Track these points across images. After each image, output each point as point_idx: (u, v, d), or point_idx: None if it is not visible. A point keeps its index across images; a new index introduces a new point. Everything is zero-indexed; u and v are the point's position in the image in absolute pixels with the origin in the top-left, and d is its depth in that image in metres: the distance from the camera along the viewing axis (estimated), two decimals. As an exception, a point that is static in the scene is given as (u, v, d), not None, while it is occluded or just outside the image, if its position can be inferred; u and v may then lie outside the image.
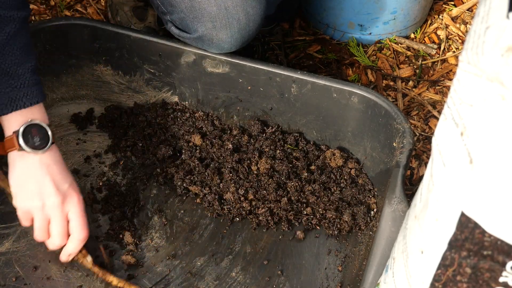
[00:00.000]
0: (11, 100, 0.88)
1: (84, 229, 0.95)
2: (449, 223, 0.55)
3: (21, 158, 0.90)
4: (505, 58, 0.46)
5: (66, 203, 0.92)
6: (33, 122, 0.89)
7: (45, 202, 0.91)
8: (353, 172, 1.12)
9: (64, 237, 0.94)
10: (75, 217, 0.94)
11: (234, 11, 1.00)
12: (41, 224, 0.93)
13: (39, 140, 0.89)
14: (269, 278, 1.01)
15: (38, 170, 0.90)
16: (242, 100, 1.17)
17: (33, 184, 0.90)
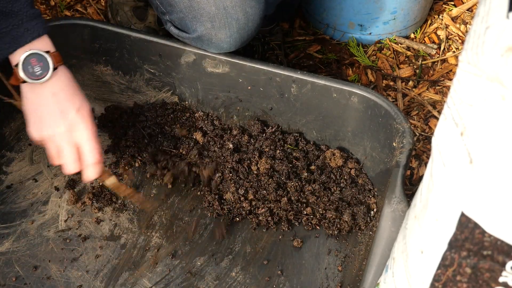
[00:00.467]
0: (14, 38, 0.88)
1: (96, 153, 0.94)
2: (449, 223, 0.55)
3: (30, 88, 0.91)
4: (505, 58, 0.46)
5: (74, 131, 0.92)
6: (31, 52, 0.88)
7: (50, 132, 0.92)
8: (353, 172, 1.12)
9: (76, 163, 0.94)
10: (84, 143, 0.93)
11: (233, 11, 1.00)
12: (53, 152, 0.94)
13: (40, 69, 0.89)
14: (269, 278, 1.01)
15: (45, 99, 0.91)
16: (242, 100, 1.17)
17: (42, 114, 0.92)
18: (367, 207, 1.06)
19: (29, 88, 0.91)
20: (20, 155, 1.19)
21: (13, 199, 1.11)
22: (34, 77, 0.89)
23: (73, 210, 1.10)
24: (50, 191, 1.13)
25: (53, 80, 0.91)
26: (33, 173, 1.16)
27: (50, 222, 1.08)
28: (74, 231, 1.07)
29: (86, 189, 1.13)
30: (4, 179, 1.14)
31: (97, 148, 0.94)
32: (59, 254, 1.04)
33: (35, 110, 0.92)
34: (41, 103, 0.92)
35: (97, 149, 0.94)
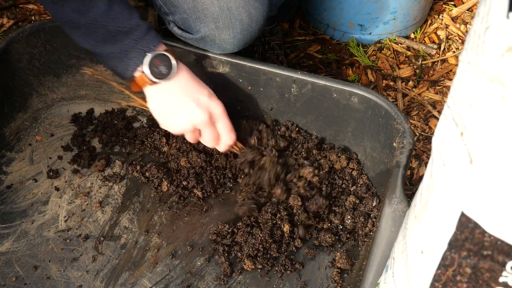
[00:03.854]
0: (139, 51, 0.94)
1: (232, 134, 1.04)
2: (449, 223, 0.55)
3: (157, 89, 0.97)
4: (505, 58, 0.46)
5: (212, 115, 1.00)
6: (153, 54, 0.94)
7: (194, 122, 0.99)
8: (354, 173, 1.12)
9: (216, 142, 1.04)
10: (223, 127, 1.02)
11: (236, 12, 1.00)
12: (193, 138, 1.03)
13: (165, 68, 0.95)
14: (269, 278, 1.01)
15: (175, 95, 0.97)
16: (242, 100, 1.17)
17: (176, 110, 0.98)
18: (368, 207, 1.06)
19: (156, 89, 0.97)
20: (20, 155, 1.19)
21: (13, 199, 1.11)
22: (162, 77, 0.95)
23: (73, 210, 1.10)
24: (50, 191, 1.13)
25: (178, 75, 0.97)
26: (33, 173, 1.16)
27: (50, 222, 1.08)
28: (74, 231, 1.07)
29: (87, 182, 1.13)
30: (4, 179, 1.14)
31: (233, 130, 1.04)
32: (59, 254, 1.04)
33: (169, 107, 0.98)
34: (173, 98, 0.97)
35: (233, 129, 1.04)
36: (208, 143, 1.03)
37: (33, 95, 1.24)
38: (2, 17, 1.57)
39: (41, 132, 1.23)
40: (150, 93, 0.98)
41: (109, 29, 0.92)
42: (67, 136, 1.22)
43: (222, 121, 1.02)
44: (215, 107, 1.00)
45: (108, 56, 0.95)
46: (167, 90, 0.97)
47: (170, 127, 1.00)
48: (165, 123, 1.00)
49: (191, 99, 0.97)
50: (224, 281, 1.00)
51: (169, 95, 0.97)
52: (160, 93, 0.98)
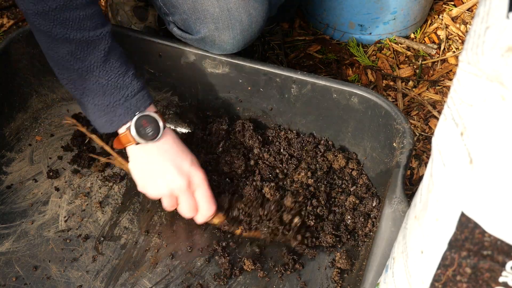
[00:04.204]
0: (128, 109, 0.93)
1: (212, 205, 1.00)
2: (449, 223, 0.55)
3: (140, 149, 0.96)
4: (505, 58, 0.46)
5: (192, 184, 0.97)
6: (141, 114, 0.93)
7: (171, 187, 0.96)
8: (354, 173, 1.12)
9: (193, 212, 1.00)
10: (202, 196, 0.99)
11: (236, 13, 1.00)
12: (169, 204, 1.00)
13: (151, 130, 0.94)
14: (269, 279, 1.01)
15: (157, 158, 0.96)
16: (242, 100, 1.17)
17: (156, 173, 0.96)
18: (368, 207, 1.06)
19: (139, 149, 0.96)
20: (20, 155, 1.19)
21: (13, 199, 1.11)
22: (147, 138, 0.94)
23: (73, 210, 1.10)
24: (50, 191, 1.13)
25: (163, 138, 0.96)
26: (33, 173, 1.16)
27: (50, 222, 1.08)
28: (74, 231, 1.07)
29: (86, 182, 1.13)
30: (4, 179, 1.14)
31: (212, 200, 1.00)
32: (59, 254, 1.04)
33: (149, 169, 0.97)
34: (155, 161, 0.96)
35: (213, 200, 1.00)
36: (185, 212, 0.99)
37: (33, 95, 1.24)
38: (2, 17, 1.57)
39: (41, 132, 1.23)
40: (132, 152, 0.97)
41: (101, 81, 0.91)
42: (67, 136, 1.22)
43: (201, 189, 0.98)
44: (195, 174, 0.97)
45: (94, 108, 0.93)
46: (151, 152, 0.96)
47: (148, 189, 0.98)
48: (143, 185, 0.99)
49: (172, 165, 0.95)
50: (224, 281, 1.00)
51: (152, 158, 0.96)
52: (142, 155, 0.96)
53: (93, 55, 0.89)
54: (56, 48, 0.89)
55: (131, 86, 0.93)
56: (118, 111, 0.92)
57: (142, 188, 0.99)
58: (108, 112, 0.92)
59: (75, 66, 0.89)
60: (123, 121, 0.93)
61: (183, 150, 0.99)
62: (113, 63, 0.91)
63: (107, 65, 0.91)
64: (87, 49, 0.89)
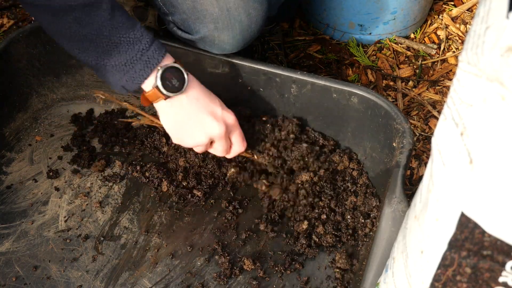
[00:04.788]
0: (146, 62, 0.90)
1: (244, 143, 1.02)
2: (449, 223, 0.55)
3: (170, 103, 0.93)
4: (505, 58, 0.46)
5: (228, 128, 0.98)
6: (164, 67, 0.90)
7: (211, 135, 0.96)
8: (354, 173, 1.12)
9: (227, 152, 1.02)
10: (236, 137, 1.01)
11: (236, 13, 1.00)
12: (203, 150, 1.00)
13: (177, 81, 0.91)
14: (269, 278, 1.01)
15: (190, 108, 0.94)
16: (242, 100, 1.17)
17: (193, 123, 0.94)
18: (368, 207, 1.06)
19: (169, 103, 0.93)
20: (20, 155, 1.19)
21: (13, 199, 1.11)
22: (175, 90, 0.91)
23: (73, 210, 1.10)
24: (50, 191, 1.13)
25: (189, 86, 0.94)
26: (33, 173, 1.16)
27: (50, 222, 1.08)
28: (74, 231, 1.07)
29: (86, 182, 1.13)
30: (4, 179, 1.14)
31: (244, 138, 1.02)
32: (59, 254, 1.04)
33: (184, 121, 0.95)
34: (188, 112, 0.94)
35: (244, 138, 1.02)
36: (220, 154, 1.01)
37: (33, 95, 1.24)
38: (2, 17, 1.57)
39: (41, 132, 1.23)
40: (163, 107, 0.94)
41: (113, 39, 0.87)
42: (67, 136, 1.22)
43: (236, 131, 1.00)
44: (229, 118, 0.98)
45: (112, 69, 0.90)
46: (181, 103, 0.93)
47: (185, 141, 0.97)
48: (180, 137, 0.97)
49: (207, 112, 0.94)
50: (224, 281, 1.00)
51: (184, 109, 0.94)
52: (174, 107, 0.94)
53: (98, 16, 0.86)
54: (59, 20, 0.86)
55: (143, 39, 0.89)
56: (137, 66, 0.89)
57: (178, 141, 0.98)
58: (127, 71, 0.89)
59: (83, 32, 0.86)
60: (144, 76, 0.90)
61: (210, 94, 0.97)
62: (119, 19, 0.88)
63: (114, 22, 0.87)
64: (90, 11, 0.85)
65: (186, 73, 0.92)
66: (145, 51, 0.89)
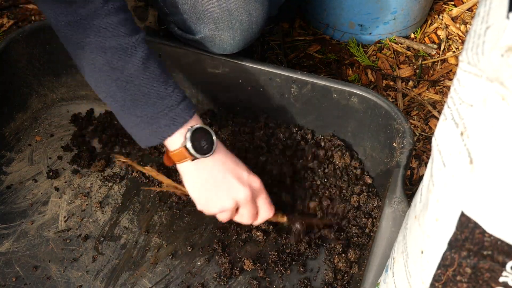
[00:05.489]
0: (173, 119, 0.86)
1: (272, 208, 0.96)
2: (449, 223, 0.55)
3: (196, 165, 0.89)
4: (505, 58, 0.46)
5: (254, 193, 0.92)
6: (194, 128, 0.87)
7: (237, 199, 0.91)
8: (355, 172, 1.12)
9: (254, 219, 0.96)
10: (263, 202, 0.94)
11: (236, 13, 1.00)
12: (228, 217, 0.94)
13: (206, 143, 0.88)
14: (269, 279, 1.01)
15: (217, 171, 0.90)
16: (242, 100, 1.17)
17: (219, 188, 0.90)
18: (368, 207, 1.06)
19: (195, 165, 0.89)
20: (20, 155, 1.19)
21: (13, 200, 1.11)
22: (205, 152, 0.87)
23: (73, 210, 1.10)
24: (50, 191, 1.13)
25: (216, 150, 0.89)
26: (33, 174, 1.16)
27: (50, 222, 1.08)
28: (74, 231, 1.07)
29: (86, 182, 1.13)
30: (4, 180, 1.14)
31: (271, 203, 0.96)
32: (59, 254, 1.04)
33: (210, 185, 0.90)
34: (215, 175, 0.89)
35: (272, 205, 0.96)
36: (246, 221, 0.95)
37: (33, 95, 1.24)
38: (2, 17, 1.57)
39: (40, 132, 1.23)
40: (187, 170, 0.90)
41: (143, 90, 0.84)
42: (67, 136, 1.22)
43: (262, 196, 0.94)
44: (255, 182, 0.93)
45: (136, 119, 0.87)
46: (208, 166, 0.89)
47: (211, 205, 0.92)
48: (205, 202, 0.92)
49: (233, 177, 0.90)
50: (224, 281, 1.00)
51: (211, 173, 0.89)
52: (199, 170, 0.89)
53: (132, 63, 0.84)
54: (92, 59, 0.84)
55: (174, 95, 0.86)
56: (163, 121, 0.86)
57: (204, 207, 0.93)
58: (152, 124, 0.86)
59: (114, 77, 0.84)
60: (169, 132, 0.86)
61: (236, 158, 0.93)
62: (153, 70, 0.85)
63: (147, 73, 0.85)
64: (124, 57, 0.83)
65: (214, 136, 0.89)
66: (174, 108, 0.86)
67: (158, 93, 0.85)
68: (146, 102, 0.85)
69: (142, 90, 0.85)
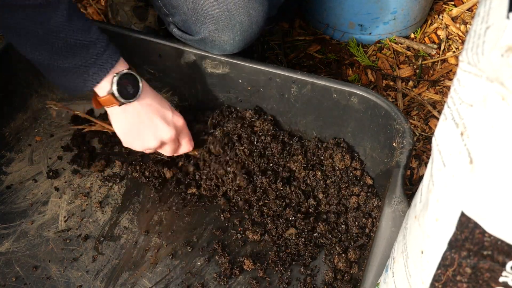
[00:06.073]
0: (100, 66, 0.89)
1: (192, 143, 1.08)
2: (449, 223, 0.55)
3: (123, 109, 0.94)
4: (505, 58, 0.46)
5: (177, 131, 1.02)
6: (120, 74, 0.91)
7: (163, 139, 1.00)
8: (355, 172, 1.12)
9: (175, 152, 1.07)
10: (185, 138, 1.06)
11: (236, 14, 1.00)
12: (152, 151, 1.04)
13: (132, 87, 0.93)
14: (269, 278, 1.01)
15: (143, 114, 0.96)
16: (242, 100, 1.17)
17: (145, 129, 0.97)
18: (368, 207, 1.06)
19: (122, 109, 0.94)
20: (20, 155, 1.19)
21: (13, 200, 1.11)
22: (130, 97, 0.93)
23: (73, 210, 1.10)
24: (50, 191, 1.13)
25: (142, 94, 0.95)
26: (33, 174, 1.16)
27: (50, 222, 1.08)
28: (74, 231, 1.07)
29: (86, 182, 1.13)
30: (4, 180, 1.14)
31: (191, 139, 1.08)
32: (59, 254, 1.04)
33: (137, 127, 0.97)
34: (141, 118, 0.96)
35: (191, 139, 1.08)
36: (168, 154, 1.06)
37: (33, 95, 1.24)
38: (2, 17, 1.57)
39: (40, 132, 1.23)
40: (116, 113, 0.96)
41: (69, 41, 0.86)
42: (67, 137, 1.22)
43: (184, 133, 1.05)
44: (179, 121, 1.02)
45: (64, 71, 0.89)
46: (135, 110, 0.95)
47: (135, 144, 1.00)
48: (130, 142, 0.99)
49: (159, 117, 0.97)
50: (224, 281, 1.00)
51: (137, 116, 0.96)
52: (127, 113, 0.95)
53: (56, 16, 0.84)
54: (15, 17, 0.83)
55: (99, 43, 0.89)
56: (91, 70, 0.89)
57: (130, 145, 1.00)
58: (81, 73, 0.89)
59: (39, 32, 0.84)
60: (97, 80, 0.90)
61: (161, 98, 1.00)
62: (76, 21, 0.86)
63: (72, 24, 0.85)
64: (48, 11, 0.83)
65: (140, 79, 0.94)
66: (100, 55, 0.89)
67: (83, 43, 0.87)
68: (73, 52, 0.87)
69: (68, 42, 0.86)
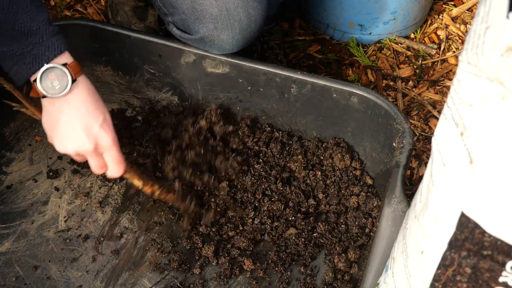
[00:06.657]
0: (35, 57, 0.85)
1: (120, 166, 0.96)
2: (449, 223, 0.55)
3: (51, 103, 0.90)
4: (505, 58, 0.46)
5: (99, 147, 0.92)
6: (48, 66, 0.86)
7: (77, 149, 0.92)
8: (355, 172, 1.12)
9: (102, 170, 0.96)
10: (111, 159, 0.95)
11: (235, 12, 1.00)
12: (78, 160, 0.96)
13: (59, 83, 0.87)
14: (269, 278, 1.01)
15: (66, 115, 0.90)
16: (242, 100, 1.17)
17: (64, 131, 0.91)
18: (368, 207, 1.06)
19: (50, 103, 0.90)
20: (20, 155, 1.19)
21: (13, 199, 1.11)
22: (54, 92, 0.87)
23: (73, 210, 1.10)
24: (50, 191, 1.13)
25: (74, 93, 0.89)
26: (33, 173, 1.16)
27: (50, 222, 1.08)
28: (74, 231, 1.07)
29: (86, 182, 1.13)
30: (4, 179, 1.14)
31: (121, 162, 0.96)
32: (59, 254, 1.04)
33: (58, 126, 0.91)
34: (64, 118, 0.90)
35: (121, 161, 0.96)
36: (93, 169, 0.96)
37: (33, 95, 1.24)
38: (2, 17, 1.57)
39: (41, 132, 1.23)
40: (44, 105, 0.92)
41: (8, 26, 0.82)
42: (67, 136, 1.22)
43: (110, 153, 0.94)
44: (104, 138, 0.92)
45: (4, 55, 0.85)
46: (60, 108, 0.89)
47: (55, 145, 0.94)
48: (51, 140, 0.94)
49: (80, 125, 0.90)
50: (224, 281, 1.00)
51: (61, 115, 0.90)
52: (52, 109, 0.90)
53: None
54: None
55: (40, 32, 0.84)
56: (26, 59, 0.85)
57: (50, 142, 0.95)
58: (17, 61, 0.85)
59: None
60: (32, 70, 0.86)
61: (96, 107, 0.92)
62: (21, 5, 0.82)
63: (14, 7, 0.82)
64: None
65: (72, 78, 0.87)
66: (37, 45, 0.85)
67: (22, 30, 0.83)
68: (11, 39, 0.83)
69: (7, 27, 0.83)
